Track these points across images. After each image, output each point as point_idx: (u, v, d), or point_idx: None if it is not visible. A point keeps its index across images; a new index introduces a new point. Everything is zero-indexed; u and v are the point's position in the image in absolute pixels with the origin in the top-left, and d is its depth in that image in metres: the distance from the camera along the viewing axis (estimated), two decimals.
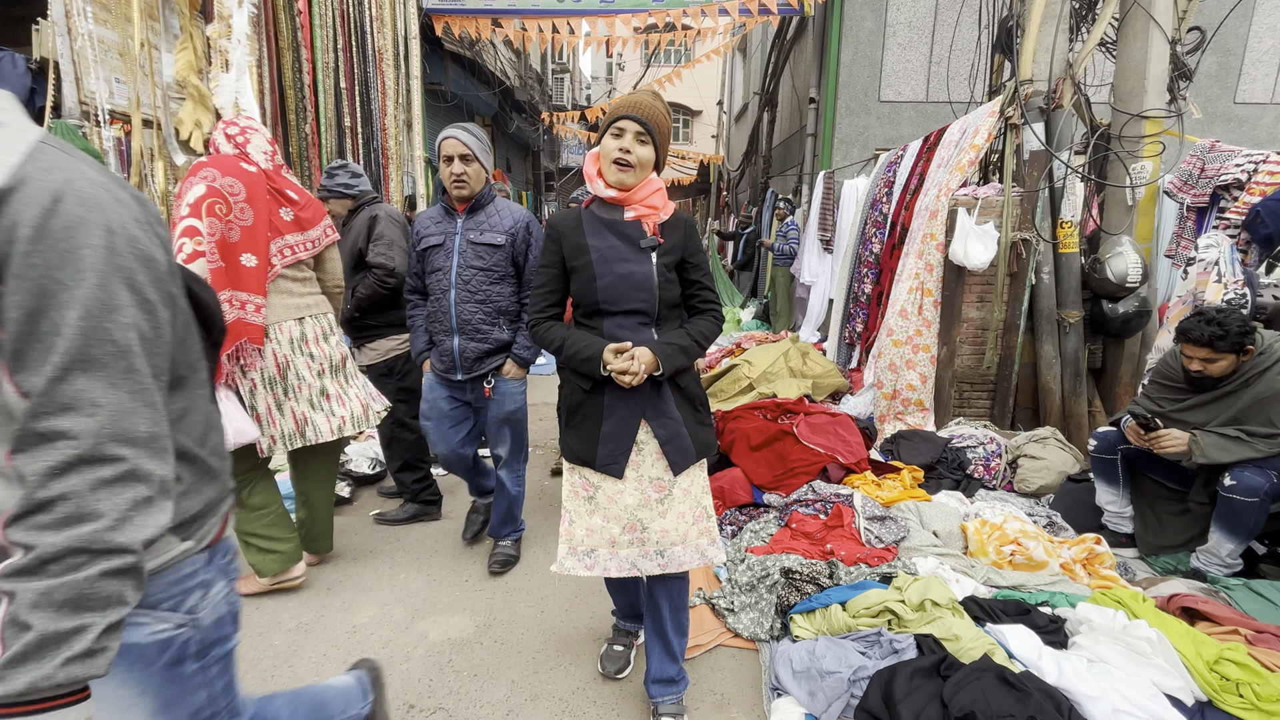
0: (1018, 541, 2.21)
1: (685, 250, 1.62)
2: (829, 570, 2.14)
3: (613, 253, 1.55)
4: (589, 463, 1.59)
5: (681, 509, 1.61)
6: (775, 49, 9.22)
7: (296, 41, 4.16)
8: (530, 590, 2.40)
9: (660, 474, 1.60)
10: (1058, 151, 3.55)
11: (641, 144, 1.52)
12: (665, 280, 1.57)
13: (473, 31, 7.21)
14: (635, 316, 1.56)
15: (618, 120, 1.52)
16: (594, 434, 1.58)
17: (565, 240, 1.60)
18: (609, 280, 1.54)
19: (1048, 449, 3.32)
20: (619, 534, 1.60)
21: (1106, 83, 4.39)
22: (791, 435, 2.97)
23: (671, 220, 1.61)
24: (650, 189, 1.57)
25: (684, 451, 1.60)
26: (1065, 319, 3.77)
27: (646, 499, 1.60)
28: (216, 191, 1.98)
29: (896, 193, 4.79)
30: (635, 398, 1.56)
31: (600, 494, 1.61)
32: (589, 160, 1.61)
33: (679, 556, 1.61)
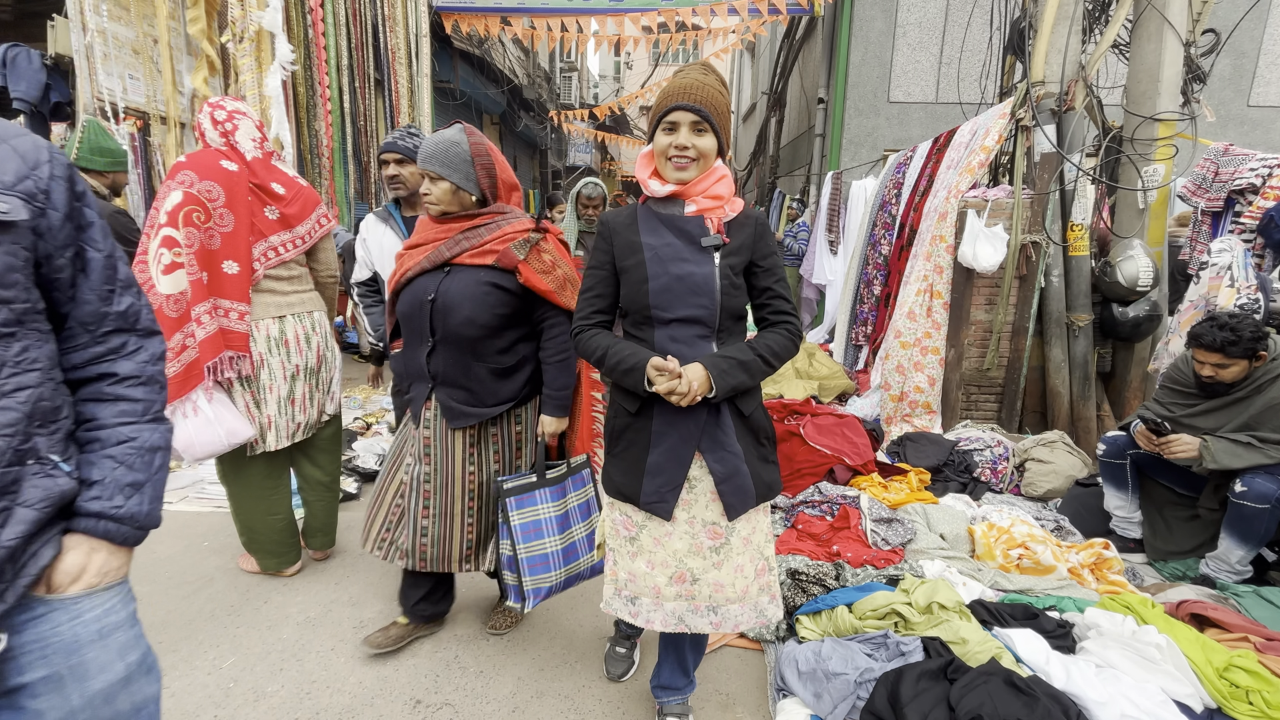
0: (1025, 545, 2.21)
1: (755, 252, 1.39)
2: (835, 572, 2.14)
3: (669, 251, 1.34)
4: (631, 499, 1.41)
5: (740, 561, 1.41)
6: (784, 49, 9.20)
7: (308, 39, 4.18)
8: None
9: (716, 518, 1.40)
10: (1069, 154, 3.52)
11: (700, 134, 1.32)
12: (729, 285, 1.35)
13: (481, 29, 7.23)
14: (692, 326, 1.35)
15: (670, 113, 1.31)
16: (639, 466, 1.38)
17: (617, 238, 1.41)
18: (663, 282, 1.33)
19: (1055, 453, 3.30)
20: (664, 584, 1.41)
21: (1118, 85, 4.37)
22: (798, 436, 2.97)
23: (740, 218, 1.40)
24: (714, 178, 1.37)
25: (743, 493, 1.38)
26: (1074, 322, 3.75)
27: (699, 545, 1.40)
28: (194, 199, 1.91)
29: (905, 194, 4.78)
30: (689, 425, 1.35)
31: (645, 535, 1.43)
32: (641, 162, 1.42)
33: (734, 615, 1.42)
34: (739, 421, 1.39)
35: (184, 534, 2.76)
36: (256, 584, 2.38)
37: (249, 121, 2.13)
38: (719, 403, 1.35)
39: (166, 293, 1.88)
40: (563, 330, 1.79)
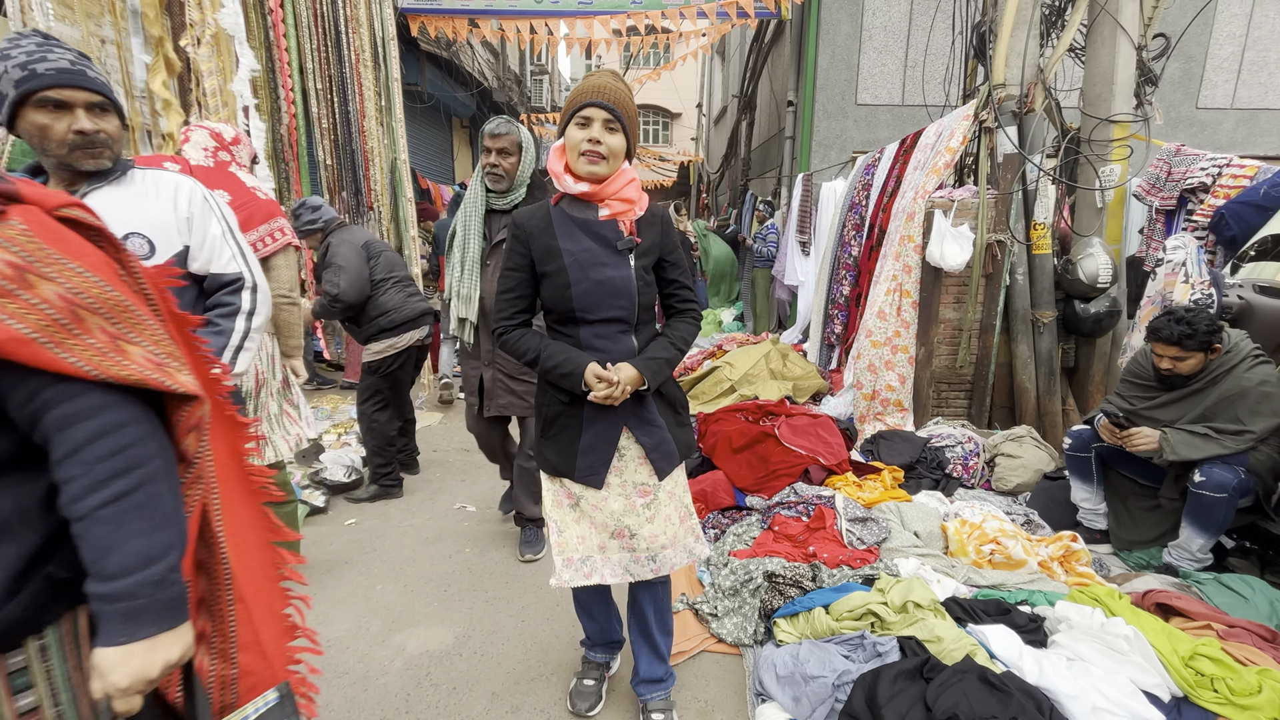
0: (997, 540, 2.23)
1: (663, 248, 1.54)
2: (811, 573, 2.14)
3: (588, 256, 1.44)
4: (566, 474, 1.54)
5: (668, 512, 1.59)
6: (753, 52, 9.29)
7: (269, 41, 4.06)
8: (511, 599, 2.36)
9: (645, 479, 1.57)
10: (1030, 154, 3.61)
11: (611, 132, 1.41)
12: (644, 284, 1.49)
13: (449, 31, 7.14)
14: (614, 325, 1.48)
15: (582, 109, 1.39)
16: (572, 446, 1.52)
17: (534, 241, 1.47)
18: (585, 287, 1.44)
19: (1024, 447, 3.37)
20: (608, 540, 1.57)
21: (1075, 88, 4.49)
22: (773, 437, 2.97)
23: (647, 216, 1.52)
24: (623, 180, 1.46)
25: (669, 456, 1.57)
26: (1039, 319, 3.83)
27: (632, 505, 1.56)
28: None
29: (874, 195, 4.84)
30: (617, 409, 1.50)
31: (584, 503, 1.57)
32: (554, 155, 1.48)
33: (670, 559, 1.59)
34: (659, 399, 1.57)
35: None
36: None
37: (202, 132, 2.13)
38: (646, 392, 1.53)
39: None
40: (97, 428, 0.74)
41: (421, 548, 2.78)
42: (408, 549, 2.76)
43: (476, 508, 3.21)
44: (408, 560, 2.66)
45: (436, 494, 3.40)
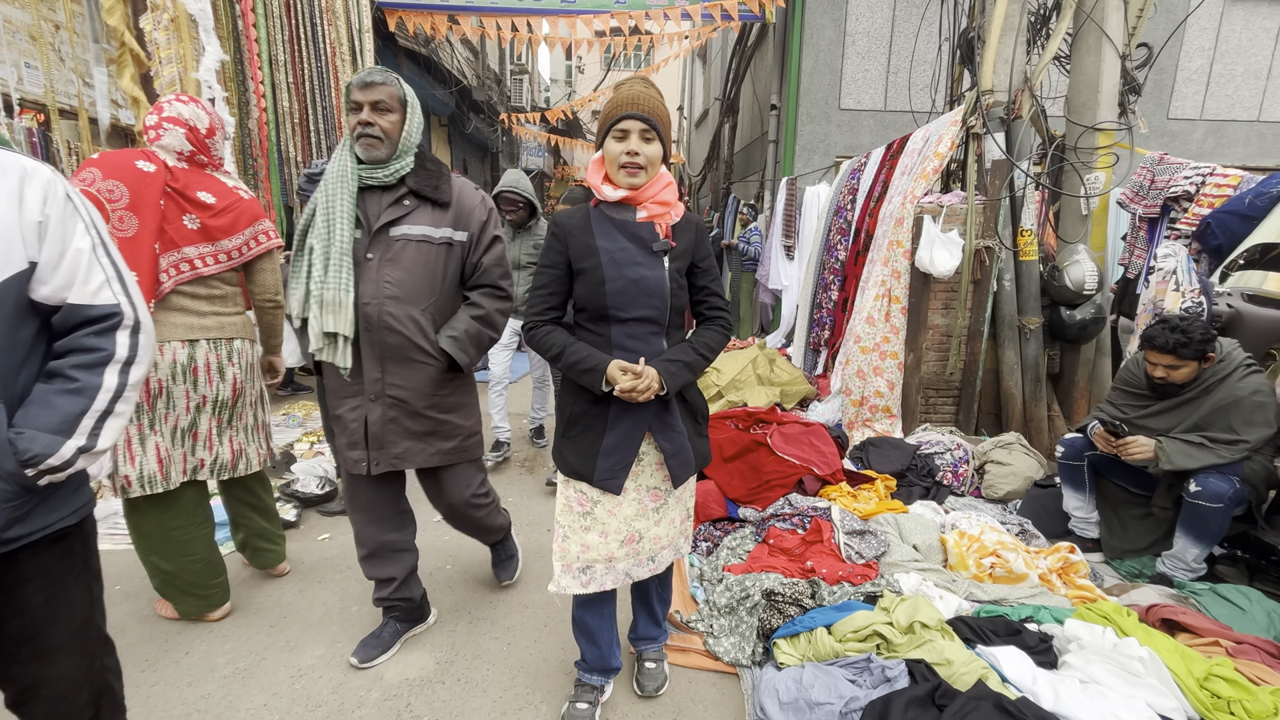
0: (996, 554, 2.19)
1: (696, 254, 1.57)
2: (811, 590, 2.07)
3: (624, 255, 1.48)
4: (585, 477, 1.54)
5: (673, 515, 1.65)
6: (736, 55, 9.27)
7: (237, 31, 3.88)
8: (495, 620, 2.24)
9: (658, 484, 1.60)
10: (1018, 161, 3.61)
11: (647, 141, 1.46)
12: (677, 286, 1.52)
13: (428, 28, 6.97)
14: (645, 325, 1.50)
15: (619, 122, 1.44)
16: (594, 448, 1.52)
17: (572, 240, 1.51)
18: (619, 285, 1.46)
19: (1013, 455, 3.35)
20: (617, 548, 1.58)
21: (1059, 96, 4.53)
22: (765, 446, 2.90)
23: (682, 222, 1.56)
24: (661, 184, 1.51)
25: (686, 465, 1.59)
26: (1026, 325, 3.83)
27: (644, 509, 1.60)
28: (90, 197, 1.75)
29: (860, 200, 4.83)
30: (642, 411, 1.51)
31: (599, 509, 1.57)
32: (593, 168, 1.53)
33: (666, 558, 1.68)
34: (682, 405, 1.58)
35: None
36: (176, 632, 2.12)
37: (178, 130, 1.95)
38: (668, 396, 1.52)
39: None
40: None
41: None
42: None
43: None
44: None
45: (414, 505, 3.24)
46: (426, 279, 1.78)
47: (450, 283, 1.85)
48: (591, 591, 1.59)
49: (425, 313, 1.79)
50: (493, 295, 1.90)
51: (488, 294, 1.89)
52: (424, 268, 1.77)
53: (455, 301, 1.89)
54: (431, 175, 1.81)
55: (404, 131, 1.77)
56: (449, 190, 1.82)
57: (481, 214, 1.86)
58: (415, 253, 1.77)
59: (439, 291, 1.82)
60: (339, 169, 1.74)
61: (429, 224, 1.78)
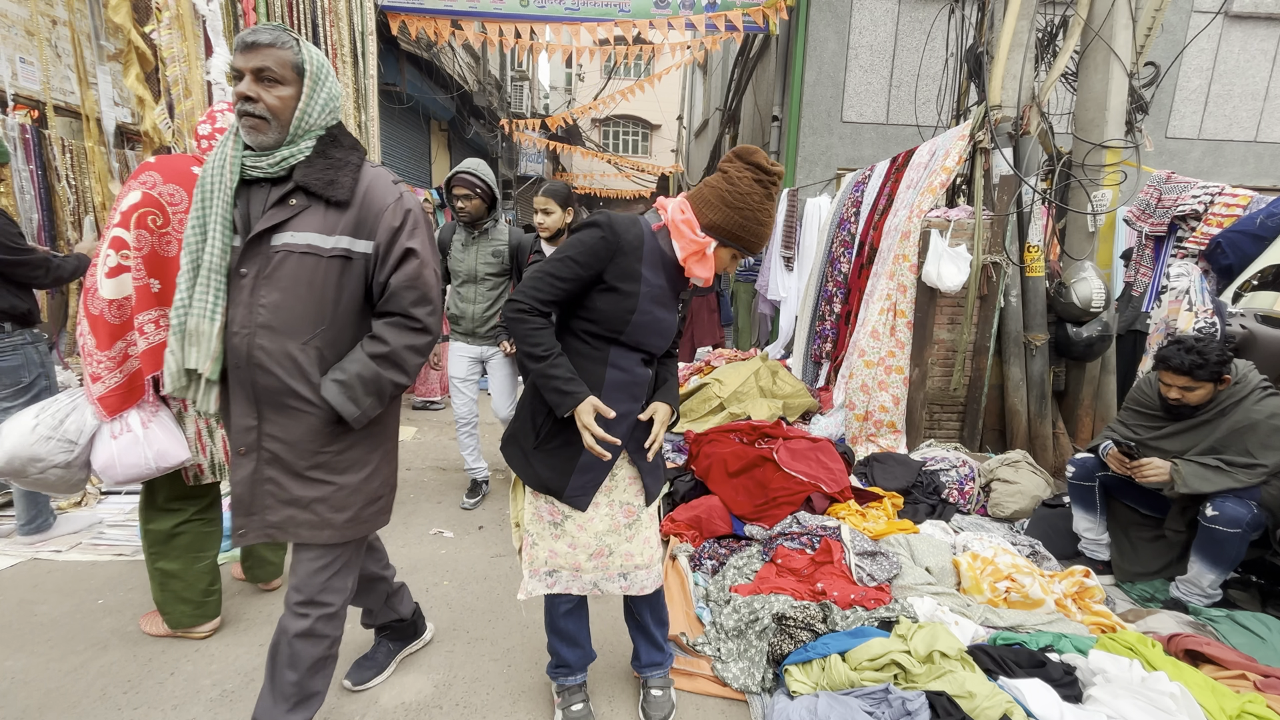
0: (1011, 578, 2.14)
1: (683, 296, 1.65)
2: (823, 614, 2.01)
3: (659, 293, 1.48)
4: (555, 493, 1.53)
5: (647, 533, 1.62)
6: (738, 66, 9.29)
7: (239, 30, 3.82)
8: (495, 640, 2.17)
9: (632, 499, 1.60)
10: (1026, 176, 3.59)
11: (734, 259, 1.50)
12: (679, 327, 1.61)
13: (430, 32, 6.93)
14: (641, 353, 1.53)
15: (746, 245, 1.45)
16: (569, 464, 1.50)
17: (620, 257, 1.42)
18: (645, 320, 1.46)
19: (1020, 473, 3.31)
20: (584, 560, 1.58)
21: (1061, 113, 4.53)
22: (772, 461, 2.85)
23: None
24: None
25: (659, 480, 1.64)
26: (1032, 342, 3.81)
27: (616, 524, 1.59)
28: (153, 200, 1.75)
29: (864, 212, 4.80)
30: (622, 428, 1.50)
31: (569, 523, 1.57)
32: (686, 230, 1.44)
33: (640, 580, 1.63)
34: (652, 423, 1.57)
35: (75, 589, 2.37)
36: (161, 651, 2.03)
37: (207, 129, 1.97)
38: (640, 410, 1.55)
39: (108, 297, 1.73)
40: None
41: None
42: None
43: (454, 533, 3.00)
44: None
45: (410, 518, 3.17)
46: (312, 303, 1.36)
47: (349, 307, 1.42)
48: (557, 592, 1.60)
49: (309, 347, 1.37)
50: (402, 327, 1.42)
51: (395, 325, 1.42)
52: (308, 288, 1.36)
53: (359, 331, 1.46)
54: (329, 166, 1.38)
55: (299, 109, 1.35)
56: (349, 185, 1.39)
57: (394, 217, 1.41)
58: (297, 268, 1.35)
59: (330, 319, 1.39)
60: (218, 157, 1.39)
61: (318, 230, 1.36)
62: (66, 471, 1.83)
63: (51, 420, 1.78)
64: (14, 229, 2.40)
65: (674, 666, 1.96)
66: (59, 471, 1.83)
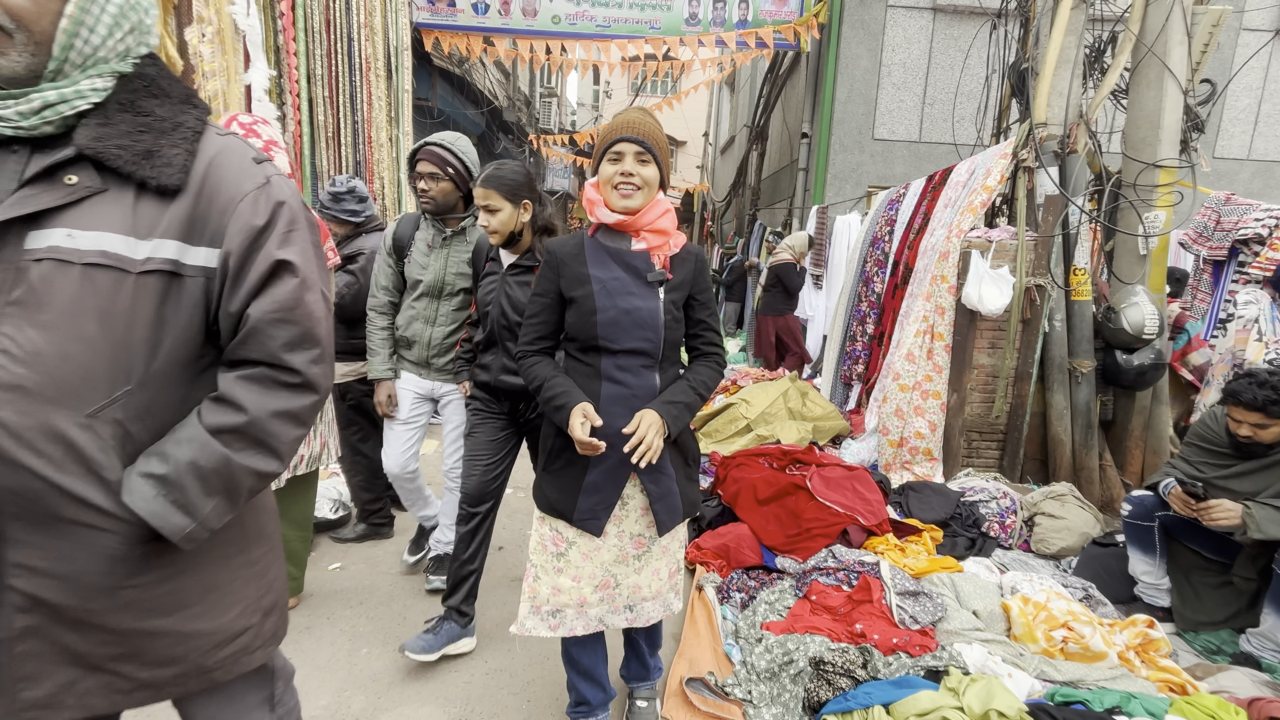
0: (1069, 626, 1.98)
1: (694, 287, 1.52)
2: (863, 659, 1.88)
3: (616, 285, 1.43)
4: (565, 515, 1.48)
5: (657, 565, 1.57)
6: (767, 83, 9.26)
7: (278, 45, 3.88)
8: (515, 673, 2.07)
9: (643, 530, 1.53)
10: (1073, 196, 3.44)
11: (643, 164, 1.42)
12: (672, 319, 1.47)
13: (463, 48, 7.03)
14: (637, 357, 1.45)
15: (614, 145, 1.42)
16: (576, 483, 1.46)
17: (564, 268, 1.47)
18: (611, 315, 1.42)
19: (1067, 507, 3.13)
20: (590, 594, 1.52)
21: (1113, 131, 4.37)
22: (805, 490, 2.72)
23: (682, 254, 1.52)
24: (658, 210, 1.46)
25: (673, 511, 1.52)
26: (1077, 369, 3.63)
27: (624, 555, 1.52)
28: None
29: (899, 231, 4.68)
30: (623, 446, 1.41)
31: (574, 550, 1.51)
32: (589, 190, 1.50)
33: (647, 612, 1.59)
34: (671, 447, 1.49)
35: None
36: None
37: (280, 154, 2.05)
38: None
39: None
40: None
41: (413, 602, 2.48)
42: (398, 603, 2.47)
43: None
44: (397, 618, 2.36)
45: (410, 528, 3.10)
46: (105, 349, 0.81)
47: (175, 355, 0.87)
48: (558, 635, 1.53)
49: (99, 422, 0.81)
50: (270, 384, 0.90)
51: (257, 381, 0.90)
52: (99, 324, 0.80)
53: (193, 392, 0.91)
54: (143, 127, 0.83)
55: (68, 14, 0.78)
56: (180, 157, 0.84)
57: (255, 211, 0.88)
58: (79, 291, 0.79)
59: (142, 376, 0.84)
60: None
61: (120, 229, 0.81)
62: None
63: None
64: None
65: (702, 710, 1.85)
66: None
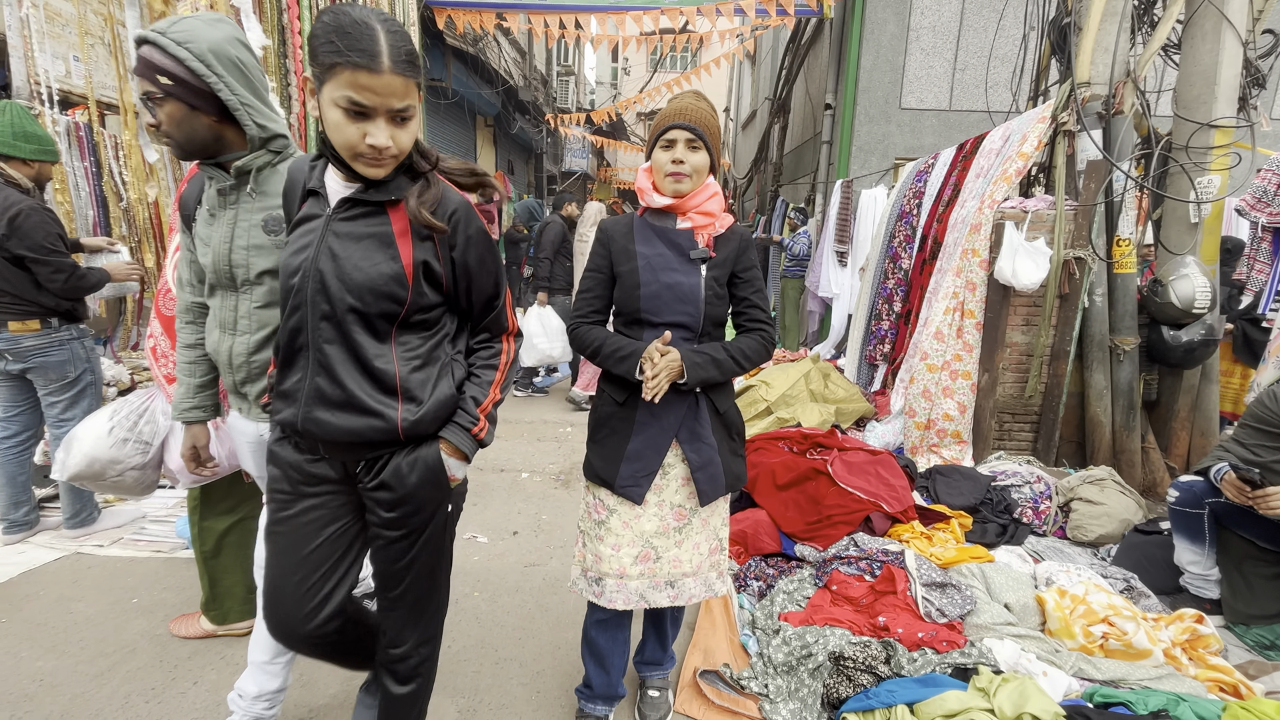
0: (1109, 621, 1.85)
1: (738, 264, 1.53)
2: (885, 654, 1.78)
3: (660, 260, 1.49)
4: (608, 483, 1.52)
5: (698, 539, 1.57)
6: (789, 53, 8.93)
7: (282, 24, 3.81)
8: (524, 662, 2.03)
9: (683, 501, 1.54)
10: (1118, 161, 3.21)
11: (694, 150, 1.46)
12: (713, 295, 1.49)
13: (476, 25, 6.89)
14: (678, 330, 1.49)
15: (666, 131, 1.46)
16: (619, 451, 1.50)
17: (614, 245, 1.55)
18: (653, 289, 1.47)
19: (1106, 493, 2.97)
20: (629, 564, 1.53)
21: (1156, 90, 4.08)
22: (826, 475, 2.61)
23: (727, 233, 1.53)
24: (706, 194, 1.50)
25: (714, 481, 1.52)
26: (1119, 346, 3.43)
27: (665, 526, 1.54)
28: None
29: (927, 204, 4.46)
30: (670, 416, 1.48)
31: (614, 519, 1.53)
32: (642, 175, 1.56)
33: (689, 589, 1.57)
34: (714, 417, 1.53)
35: (111, 587, 2.36)
36: (188, 657, 1.98)
37: None
38: (697, 398, 1.50)
39: None
40: None
41: None
42: None
43: (489, 538, 2.89)
44: None
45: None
46: None
47: None
48: (602, 604, 1.54)
49: None
50: None
51: None
52: None
53: None
54: None
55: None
56: None
57: None
58: None
59: None
60: None
61: None
62: (142, 473, 1.84)
63: (126, 422, 1.78)
64: (55, 229, 2.39)
65: (716, 703, 1.79)
66: (135, 473, 1.85)
